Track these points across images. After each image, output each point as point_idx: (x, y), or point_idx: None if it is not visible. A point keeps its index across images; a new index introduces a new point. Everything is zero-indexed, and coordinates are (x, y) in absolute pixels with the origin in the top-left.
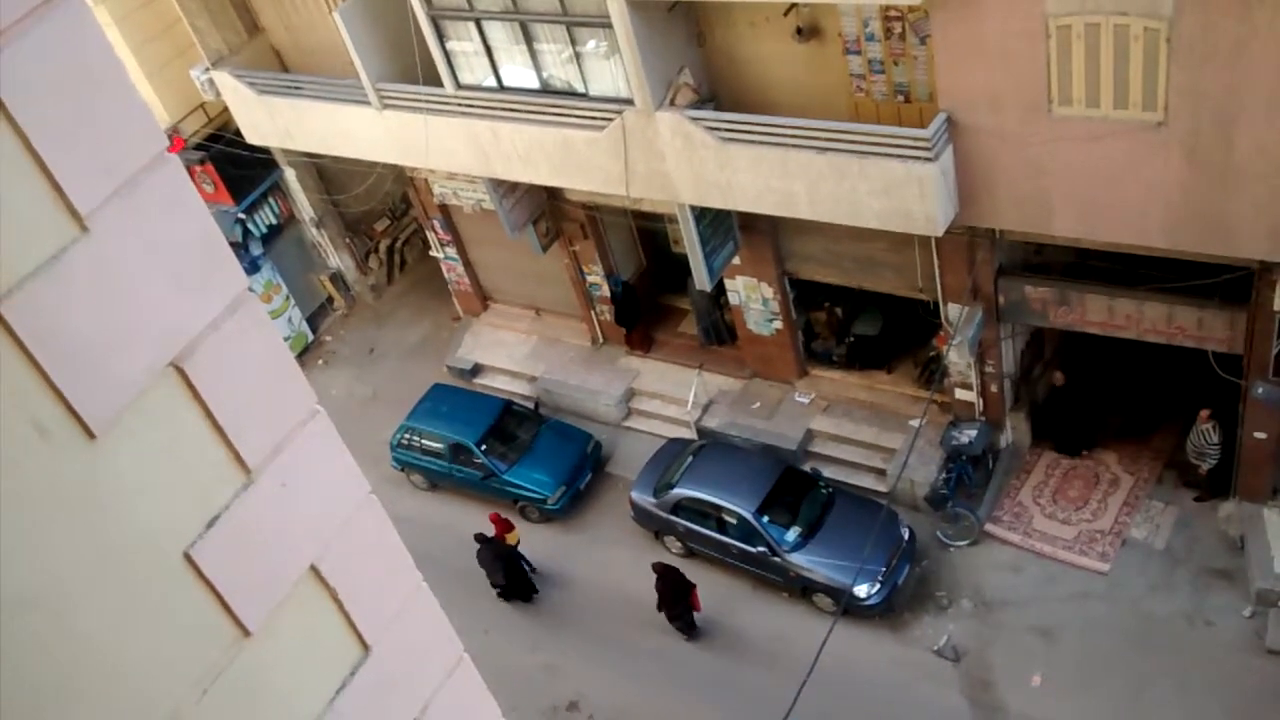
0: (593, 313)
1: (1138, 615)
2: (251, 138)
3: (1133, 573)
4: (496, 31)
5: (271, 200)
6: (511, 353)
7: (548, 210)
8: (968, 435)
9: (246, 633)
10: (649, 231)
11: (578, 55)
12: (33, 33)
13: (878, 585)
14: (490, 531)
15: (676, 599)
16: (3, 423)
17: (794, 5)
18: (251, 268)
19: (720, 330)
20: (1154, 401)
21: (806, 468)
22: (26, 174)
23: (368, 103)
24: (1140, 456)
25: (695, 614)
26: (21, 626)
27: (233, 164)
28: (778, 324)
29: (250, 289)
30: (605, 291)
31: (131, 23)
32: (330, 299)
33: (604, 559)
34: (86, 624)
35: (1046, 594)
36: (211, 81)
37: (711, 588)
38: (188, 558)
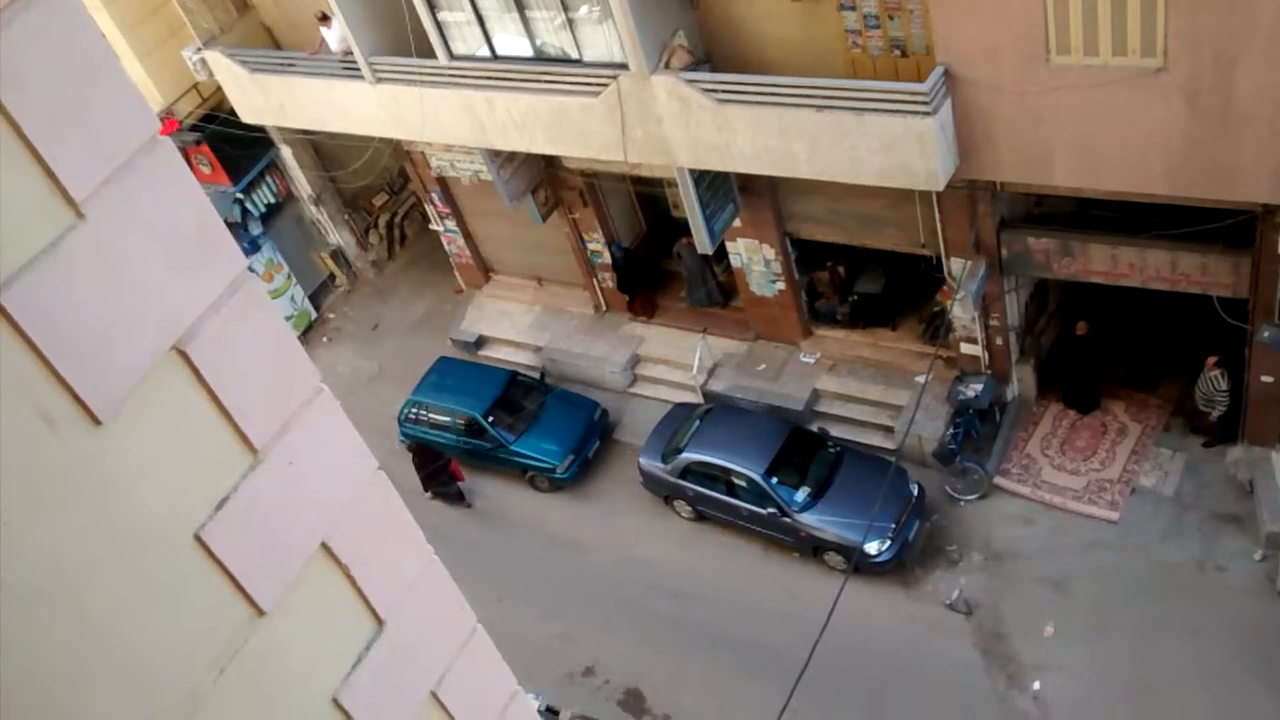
0: (595, 280)
1: (1149, 563)
2: (246, 117)
3: (1143, 520)
4: (488, 0)
5: (269, 179)
6: (515, 323)
7: (546, 179)
8: (974, 389)
9: (261, 612)
10: (648, 197)
11: (570, 21)
12: (20, 20)
13: (888, 542)
14: None
15: (438, 472)
16: (9, 413)
17: None
18: (251, 247)
19: (714, 293)
20: (1160, 349)
21: (814, 427)
22: (20, 163)
23: (361, 77)
24: (1147, 404)
25: (461, 483)
26: (37, 615)
27: (229, 144)
28: (780, 285)
29: (250, 269)
30: (606, 259)
31: (121, 5)
32: (332, 276)
33: (614, 526)
34: (101, 610)
35: (1057, 545)
36: (204, 62)
37: (723, 550)
38: (199, 539)
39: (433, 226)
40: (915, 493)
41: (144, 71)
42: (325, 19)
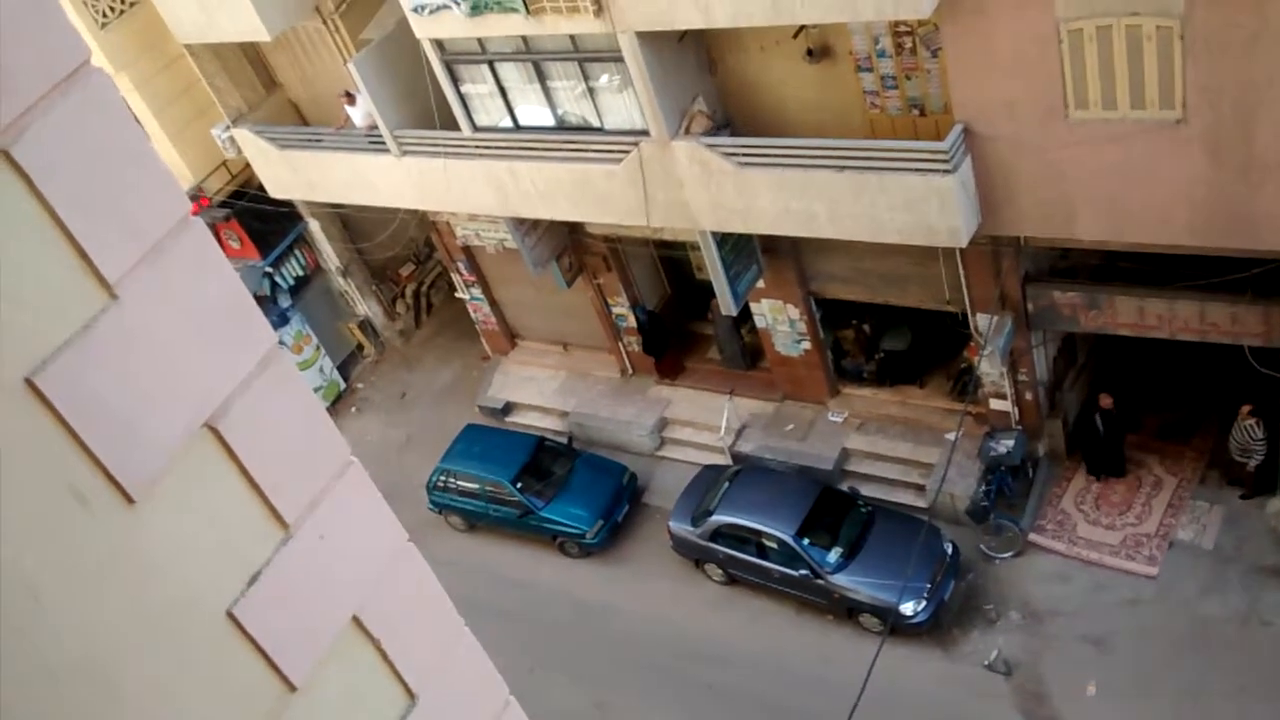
0: (620, 344)
1: (1190, 618)
2: (275, 192)
3: (1182, 575)
4: (510, 72)
5: (297, 252)
6: (542, 389)
7: (570, 245)
8: (1005, 445)
9: (292, 688)
10: (672, 260)
11: (591, 90)
12: (57, 108)
13: (924, 602)
14: None
15: None
16: (43, 492)
17: (803, 27)
18: (281, 320)
19: (743, 354)
20: (1192, 400)
21: (844, 487)
22: (55, 246)
23: (387, 150)
24: (1182, 457)
25: None
26: (71, 694)
27: (257, 219)
28: (806, 344)
29: (280, 343)
30: (631, 322)
31: (152, 87)
32: (360, 346)
33: (645, 590)
34: (135, 688)
35: (1096, 601)
36: (233, 139)
37: (755, 613)
38: (231, 616)
39: (459, 295)
40: (949, 551)
41: (174, 150)
42: (350, 97)
